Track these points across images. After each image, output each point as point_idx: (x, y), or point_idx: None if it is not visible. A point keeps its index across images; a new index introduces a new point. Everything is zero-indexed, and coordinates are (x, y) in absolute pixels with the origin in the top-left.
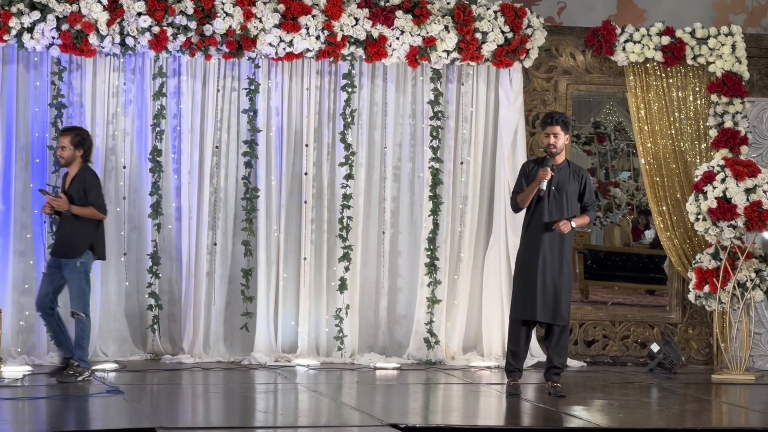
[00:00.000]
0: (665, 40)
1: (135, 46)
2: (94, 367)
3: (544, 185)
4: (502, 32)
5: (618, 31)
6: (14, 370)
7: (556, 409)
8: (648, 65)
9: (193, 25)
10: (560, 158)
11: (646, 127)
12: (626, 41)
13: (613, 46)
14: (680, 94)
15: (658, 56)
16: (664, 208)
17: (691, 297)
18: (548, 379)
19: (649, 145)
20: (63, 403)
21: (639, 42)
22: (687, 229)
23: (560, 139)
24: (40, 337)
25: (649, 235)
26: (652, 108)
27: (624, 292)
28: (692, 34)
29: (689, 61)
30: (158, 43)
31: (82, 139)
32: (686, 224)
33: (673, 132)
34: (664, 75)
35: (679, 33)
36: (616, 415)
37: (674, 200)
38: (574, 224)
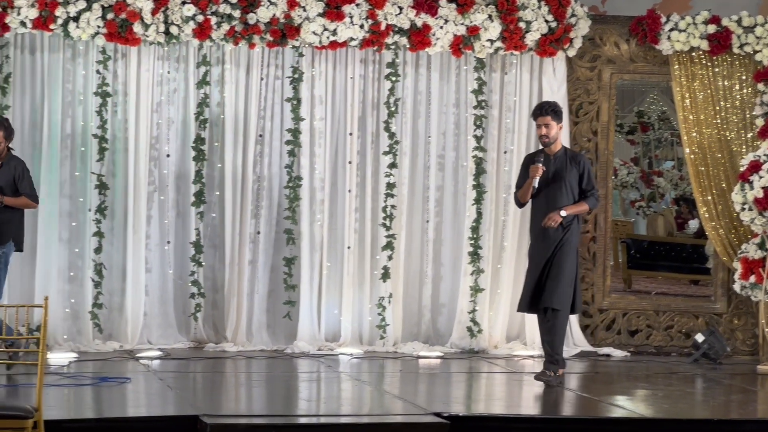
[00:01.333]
0: (711, 28)
1: (179, 34)
2: (138, 355)
3: (536, 182)
4: (546, 21)
5: (663, 19)
6: (60, 357)
7: (599, 398)
8: (693, 54)
9: (237, 13)
10: (556, 147)
11: (691, 117)
12: (671, 30)
13: (658, 35)
14: (726, 83)
15: (704, 45)
16: (709, 197)
17: (736, 287)
18: (543, 367)
19: (694, 134)
20: (108, 390)
21: (684, 30)
22: (732, 218)
23: (552, 128)
24: (86, 324)
25: (693, 224)
26: (698, 97)
27: (668, 282)
28: (738, 22)
29: (735, 50)
30: (202, 31)
31: (12, 130)
32: (732, 214)
33: (718, 121)
34: (709, 64)
35: (725, 21)
36: (660, 405)
37: (719, 190)
38: (564, 212)
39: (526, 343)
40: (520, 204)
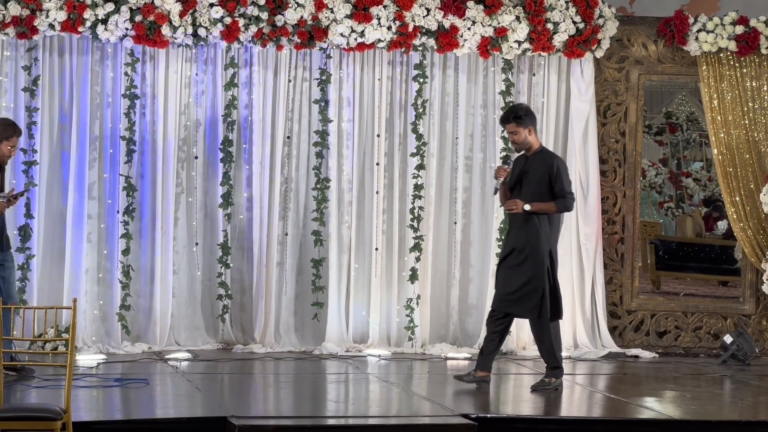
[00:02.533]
0: (739, 29)
1: (207, 36)
2: (167, 356)
3: (497, 183)
4: (574, 22)
5: (691, 20)
6: (89, 359)
7: (627, 400)
8: (721, 55)
9: (264, 15)
10: (534, 147)
11: (719, 117)
12: (699, 31)
13: (685, 36)
14: (754, 84)
15: (732, 46)
16: (738, 198)
17: (765, 288)
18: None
19: (722, 135)
20: (136, 392)
21: (712, 31)
22: (761, 219)
23: (519, 134)
24: (115, 326)
25: (722, 225)
26: (725, 98)
27: (696, 283)
28: (767, 23)
29: (763, 51)
30: (230, 33)
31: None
32: (760, 215)
33: (746, 122)
34: (737, 65)
35: (753, 22)
36: (688, 406)
37: (748, 191)
38: (528, 207)
39: None
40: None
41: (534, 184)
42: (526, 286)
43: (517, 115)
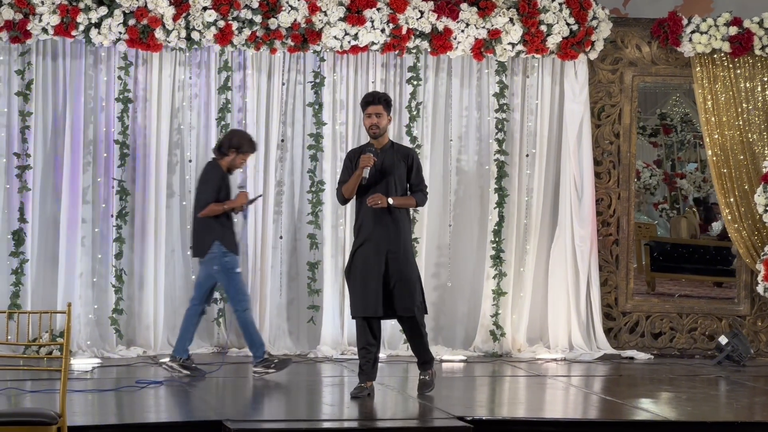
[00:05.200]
0: (732, 30)
1: (200, 40)
2: (162, 360)
3: (366, 172)
4: (567, 24)
5: (684, 21)
6: (84, 363)
7: (623, 401)
8: (715, 56)
9: (258, 18)
10: (384, 140)
11: (713, 119)
12: (693, 32)
13: (679, 37)
14: (748, 85)
15: (726, 47)
16: (732, 199)
17: (759, 289)
18: (420, 371)
19: (717, 136)
20: (131, 396)
21: (706, 33)
22: (755, 220)
23: (383, 119)
24: (109, 330)
25: (716, 226)
26: (719, 99)
27: (691, 285)
28: (760, 24)
29: (757, 52)
30: (223, 37)
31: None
32: (755, 216)
33: (740, 123)
34: (731, 66)
35: (746, 23)
36: (683, 408)
37: (742, 192)
38: (391, 201)
39: (549, 346)
40: (344, 200)
41: (397, 179)
42: (408, 285)
43: (387, 99)
